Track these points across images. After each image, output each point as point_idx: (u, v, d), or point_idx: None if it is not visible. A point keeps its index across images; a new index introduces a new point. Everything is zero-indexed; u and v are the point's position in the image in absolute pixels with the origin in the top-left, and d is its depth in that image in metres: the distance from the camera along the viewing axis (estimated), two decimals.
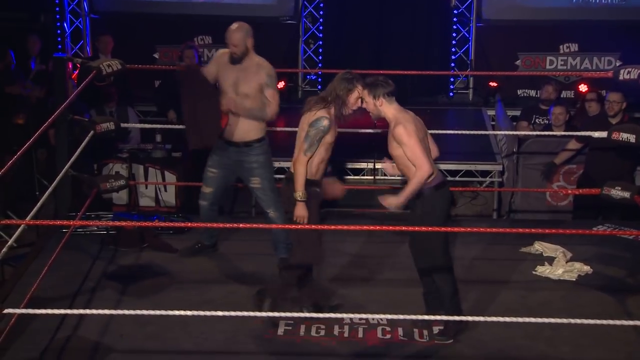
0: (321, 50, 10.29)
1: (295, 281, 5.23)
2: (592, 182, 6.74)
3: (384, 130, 5.07)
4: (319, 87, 10.05)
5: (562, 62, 9.97)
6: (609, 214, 7.21)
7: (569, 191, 7.52)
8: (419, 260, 5.12)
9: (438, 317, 4.84)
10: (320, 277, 5.80)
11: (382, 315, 4.97)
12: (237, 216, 8.13)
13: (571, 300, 5.55)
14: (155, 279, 5.80)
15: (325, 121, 4.89)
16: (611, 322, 4.41)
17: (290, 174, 5.04)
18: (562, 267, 5.93)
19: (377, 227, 5.04)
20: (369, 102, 4.89)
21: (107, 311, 4.87)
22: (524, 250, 6.32)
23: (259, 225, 5.61)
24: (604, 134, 5.97)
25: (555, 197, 7.99)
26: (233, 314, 4.74)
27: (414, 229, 4.92)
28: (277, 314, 5.00)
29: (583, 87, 9.39)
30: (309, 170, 4.97)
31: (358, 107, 4.99)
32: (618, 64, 9.61)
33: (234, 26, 5.62)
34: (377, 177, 8.22)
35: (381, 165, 5.11)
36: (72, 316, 5.10)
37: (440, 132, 7.93)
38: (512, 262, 6.14)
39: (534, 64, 9.98)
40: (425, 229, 4.77)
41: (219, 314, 4.34)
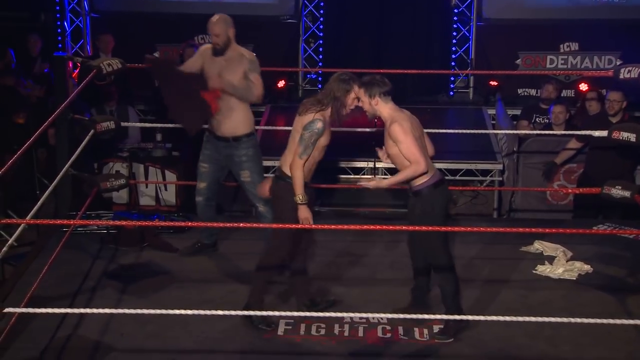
0: (321, 49, 10.29)
1: (267, 281, 5.21)
2: (593, 181, 6.73)
3: (384, 129, 5.06)
4: (319, 86, 10.04)
5: (563, 61, 9.97)
6: (610, 213, 7.21)
7: (569, 190, 7.52)
8: (419, 259, 5.12)
9: (438, 317, 4.83)
10: (321, 277, 5.81)
11: (382, 315, 4.98)
12: (237, 215, 8.13)
13: (571, 299, 5.55)
14: (156, 278, 5.80)
15: (319, 124, 4.88)
16: (611, 321, 4.41)
17: (280, 173, 5.05)
18: (562, 267, 5.93)
19: (377, 227, 5.03)
20: (365, 101, 4.89)
21: (107, 310, 4.87)
22: (524, 249, 6.32)
23: (259, 225, 5.62)
24: (604, 133, 5.97)
25: (556, 196, 7.99)
26: (233, 313, 4.75)
27: (414, 228, 4.92)
28: (276, 313, 5.01)
29: (583, 86, 9.40)
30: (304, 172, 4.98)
31: (354, 106, 5.00)
32: (618, 63, 9.61)
33: (214, 18, 5.69)
34: (377, 177, 8.22)
35: (378, 153, 5.12)
36: (72, 315, 5.10)
37: (440, 131, 7.94)
38: (513, 261, 6.14)
39: (534, 63, 9.98)
40: (426, 228, 4.77)
41: (219, 313, 4.34)
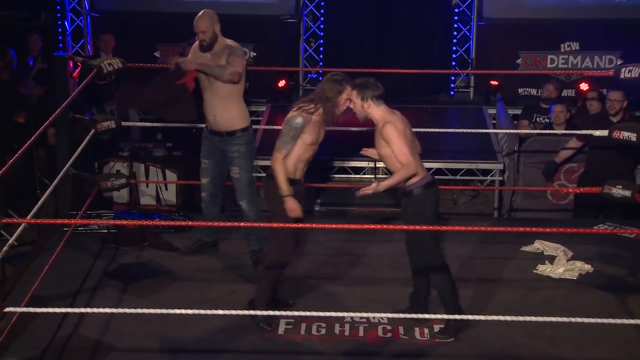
0: (322, 49, 10.28)
1: (276, 281, 5.23)
2: (593, 180, 6.73)
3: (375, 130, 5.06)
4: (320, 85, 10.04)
5: (563, 61, 9.96)
6: (610, 212, 7.20)
7: (569, 190, 7.52)
8: (413, 260, 5.13)
9: (439, 317, 4.84)
10: (321, 276, 5.81)
11: (382, 314, 4.99)
12: (238, 215, 8.12)
13: (572, 299, 5.55)
14: (156, 277, 5.81)
15: (298, 119, 4.93)
16: (612, 320, 4.42)
17: (270, 170, 5.08)
18: (562, 266, 5.93)
19: (377, 226, 5.03)
20: (357, 103, 4.91)
21: (107, 310, 4.87)
22: (525, 249, 6.31)
23: (259, 224, 5.62)
24: (605, 132, 5.97)
25: (556, 196, 7.98)
26: (234, 312, 4.75)
27: (415, 228, 4.91)
28: (277, 313, 5.01)
29: (584, 86, 9.39)
30: (288, 169, 5.00)
31: (346, 107, 5.01)
32: (619, 63, 9.60)
33: (198, 15, 5.68)
34: (377, 176, 8.22)
35: (365, 152, 5.14)
36: (73, 315, 5.10)
37: (441, 130, 7.95)
38: (513, 261, 6.14)
39: (534, 62, 9.97)
40: (427, 228, 4.77)
41: (220, 312, 4.34)
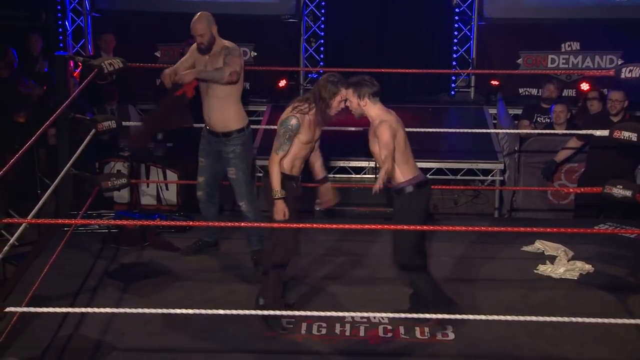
0: (322, 49, 10.29)
1: (280, 280, 5.22)
2: (593, 180, 6.73)
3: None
4: None
5: (564, 61, 9.96)
6: (611, 212, 7.20)
7: (570, 190, 7.51)
8: (393, 256, 5.13)
9: (439, 316, 4.83)
10: (322, 276, 5.81)
11: (383, 314, 4.99)
12: (238, 214, 8.12)
13: (573, 299, 5.55)
14: (157, 277, 5.81)
15: (293, 120, 4.94)
16: (613, 320, 4.41)
17: (267, 168, 5.08)
18: (563, 266, 5.93)
19: (377, 226, 5.03)
20: (354, 101, 4.90)
21: (108, 310, 4.88)
22: (526, 249, 6.31)
23: (260, 224, 5.62)
24: (605, 132, 5.97)
25: (557, 196, 7.98)
26: (234, 312, 4.74)
27: (415, 228, 4.91)
28: (277, 313, 5.01)
29: (585, 86, 9.39)
30: (285, 166, 5.01)
31: (342, 108, 5.01)
32: (620, 63, 9.60)
33: (195, 18, 5.67)
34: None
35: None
36: (73, 315, 5.10)
37: (441, 130, 7.96)
38: (514, 260, 6.14)
39: (535, 62, 9.97)
40: (427, 228, 4.77)
41: (220, 312, 4.34)
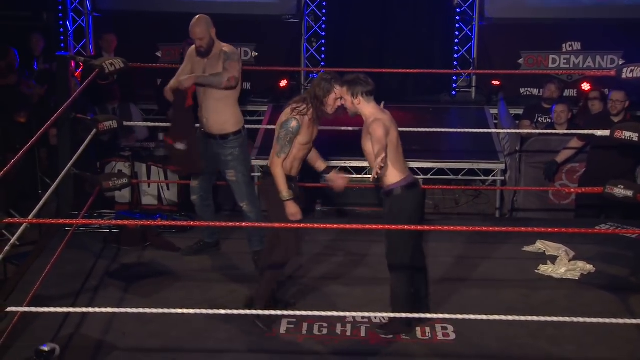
0: (324, 49, 10.28)
1: (275, 280, 5.23)
2: (594, 180, 6.73)
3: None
4: None
5: (565, 61, 9.95)
6: (612, 212, 7.20)
7: (571, 190, 7.51)
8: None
9: (440, 316, 4.82)
10: (323, 276, 5.81)
11: (384, 314, 4.99)
12: (239, 214, 8.12)
13: (574, 299, 5.55)
14: (158, 277, 5.81)
15: (293, 122, 4.93)
16: (614, 320, 4.41)
17: (267, 169, 5.08)
18: (564, 266, 5.93)
19: (378, 226, 5.02)
20: (347, 99, 4.91)
21: (109, 309, 4.87)
22: (527, 249, 6.31)
23: (260, 224, 5.63)
24: (606, 132, 5.97)
25: (558, 196, 7.98)
26: (235, 312, 4.75)
27: (416, 227, 4.91)
28: (279, 313, 5.01)
29: (586, 86, 9.38)
30: (285, 167, 5.01)
31: (338, 106, 5.00)
32: (621, 63, 9.59)
33: (193, 21, 5.67)
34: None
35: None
36: (74, 314, 5.11)
37: (442, 130, 7.95)
38: (515, 261, 6.14)
39: (536, 62, 9.96)
40: (430, 228, 4.77)
41: (221, 312, 4.34)
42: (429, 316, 4.85)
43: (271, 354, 4.90)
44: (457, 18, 10.18)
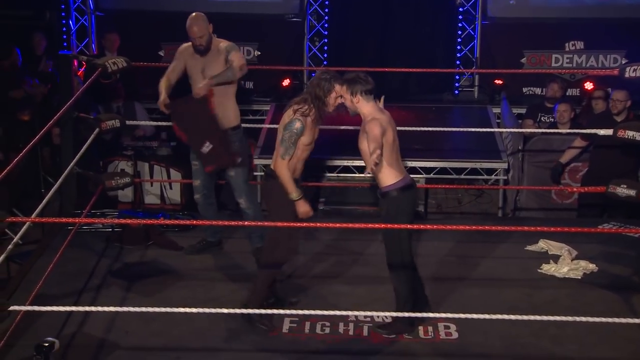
0: (326, 48, 10.28)
1: (272, 280, 5.22)
2: (597, 179, 6.72)
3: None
4: None
5: (568, 60, 9.94)
6: (614, 212, 7.19)
7: (574, 189, 7.50)
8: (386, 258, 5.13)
9: (443, 316, 4.83)
10: (326, 275, 5.81)
11: (387, 313, 4.99)
12: (242, 213, 8.13)
13: (576, 298, 5.55)
14: (160, 276, 5.81)
15: (297, 123, 4.90)
16: (617, 320, 4.40)
17: (270, 171, 5.06)
18: (567, 266, 5.93)
19: (381, 226, 5.02)
20: (347, 98, 4.90)
21: (112, 308, 4.85)
22: (529, 248, 6.31)
23: (263, 223, 5.62)
24: (609, 131, 5.96)
25: (561, 195, 7.97)
26: (238, 311, 4.76)
27: (418, 227, 4.92)
28: (281, 312, 5.02)
29: (589, 85, 9.38)
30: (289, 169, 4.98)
31: (339, 103, 4.98)
32: (624, 62, 9.58)
33: (191, 20, 5.66)
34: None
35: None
36: (77, 313, 5.11)
37: (445, 129, 7.95)
38: (518, 260, 6.14)
39: (539, 61, 9.96)
40: (432, 227, 4.77)
41: (224, 311, 4.34)
42: (431, 315, 4.85)
43: (274, 352, 4.90)
44: (460, 17, 10.18)
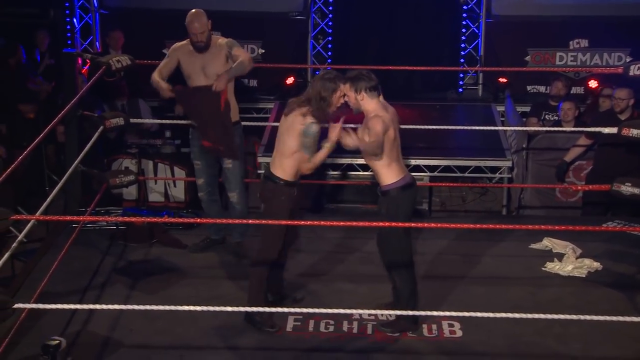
0: (330, 46, 10.28)
1: (264, 278, 5.18)
2: (601, 178, 6.71)
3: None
4: None
5: (572, 58, 9.92)
6: (618, 210, 7.19)
7: (578, 187, 7.50)
8: (382, 257, 5.12)
9: (447, 314, 4.83)
10: (330, 274, 5.82)
11: (391, 311, 4.99)
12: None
13: (581, 296, 5.54)
14: (165, 274, 5.82)
15: (315, 127, 4.87)
16: (621, 318, 4.40)
17: (268, 173, 5.03)
18: (571, 264, 5.92)
19: (385, 224, 5.02)
20: (351, 95, 4.88)
21: (116, 306, 4.86)
22: (534, 246, 6.31)
23: (267, 222, 5.61)
24: (614, 130, 5.95)
25: (565, 193, 7.96)
26: (242, 309, 4.76)
27: (422, 225, 4.92)
28: (285, 310, 5.02)
29: (593, 83, 9.36)
30: (289, 173, 4.95)
31: (342, 102, 4.96)
32: (628, 60, 9.57)
33: (191, 16, 5.67)
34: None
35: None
36: (81, 311, 5.12)
37: (449, 127, 7.94)
38: (522, 258, 6.14)
39: (543, 59, 9.94)
40: (435, 225, 4.76)
41: (228, 309, 4.34)
42: (435, 314, 4.85)
43: (278, 350, 4.91)
44: (464, 15, 10.17)
